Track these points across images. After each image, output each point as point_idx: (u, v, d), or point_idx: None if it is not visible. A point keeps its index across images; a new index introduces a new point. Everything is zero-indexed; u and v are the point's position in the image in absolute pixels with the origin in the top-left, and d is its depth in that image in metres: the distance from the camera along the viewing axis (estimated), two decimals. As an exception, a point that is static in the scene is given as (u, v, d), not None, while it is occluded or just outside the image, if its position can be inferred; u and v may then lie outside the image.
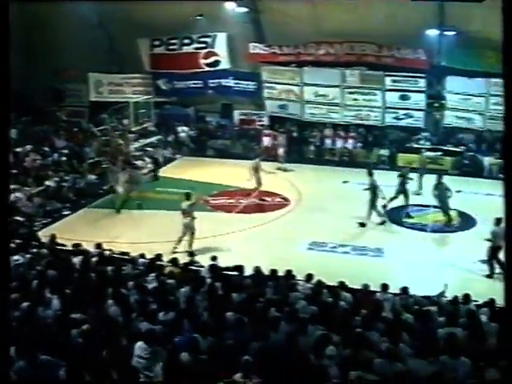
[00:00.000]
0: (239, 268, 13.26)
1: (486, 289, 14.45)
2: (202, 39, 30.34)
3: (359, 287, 12.46)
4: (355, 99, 29.37)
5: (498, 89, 27.37)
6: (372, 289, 12.52)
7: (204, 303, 10.79)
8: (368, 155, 29.19)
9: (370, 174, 20.90)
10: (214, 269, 13.28)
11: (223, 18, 28.93)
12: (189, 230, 17.32)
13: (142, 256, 14.45)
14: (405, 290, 12.35)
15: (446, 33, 26.69)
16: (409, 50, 27.56)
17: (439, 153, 27.63)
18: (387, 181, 24.77)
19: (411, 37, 26.29)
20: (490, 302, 11.81)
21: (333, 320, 9.95)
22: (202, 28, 29.58)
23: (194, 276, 12.86)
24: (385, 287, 12.41)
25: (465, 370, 8.48)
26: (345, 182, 25.34)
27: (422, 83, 28.21)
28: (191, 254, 16.91)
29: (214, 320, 9.81)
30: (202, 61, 30.61)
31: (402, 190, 21.24)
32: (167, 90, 31.55)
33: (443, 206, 20.16)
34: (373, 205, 20.40)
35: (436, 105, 28.55)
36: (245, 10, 28.56)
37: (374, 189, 20.42)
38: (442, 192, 20.10)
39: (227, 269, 13.51)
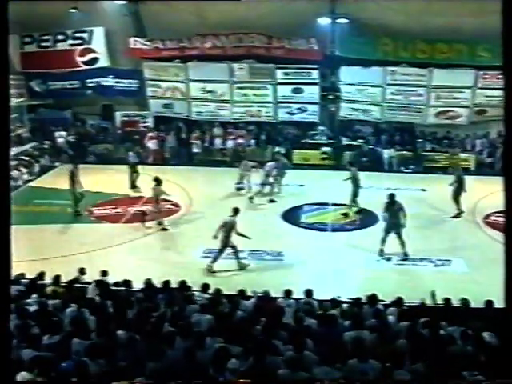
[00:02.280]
0: (127, 282, 13.07)
1: (393, 287, 14.93)
2: (78, 35, 29.75)
3: (260, 294, 12.54)
4: (245, 94, 29.61)
5: (395, 78, 28.33)
6: (274, 295, 12.62)
7: (92, 323, 10.56)
8: (262, 153, 29.48)
9: (352, 165, 21.68)
10: (102, 285, 13.03)
11: (100, 10, 28.47)
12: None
13: (22, 276, 13.98)
14: (308, 293, 12.51)
15: (338, 21, 27.31)
16: (300, 41, 28.02)
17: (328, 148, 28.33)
18: (284, 179, 25.12)
19: (302, 26, 26.75)
20: (398, 301, 12.15)
21: (232, 331, 9.95)
22: (77, 23, 28.97)
23: (79, 294, 12.56)
24: (288, 293, 12.53)
25: (374, 373, 8.68)
26: (238, 183, 25.45)
27: (315, 75, 28.78)
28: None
29: (104, 340, 9.61)
30: (79, 58, 30.02)
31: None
32: (41, 91, 30.72)
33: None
34: (355, 196, 21.19)
35: (331, 97, 29.18)
36: (123, 1, 28.21)
37: (355, 180, 21.22)
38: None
39: (116, 284, 13.29)
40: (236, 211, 17.48)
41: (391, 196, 18.26)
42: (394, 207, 18.01)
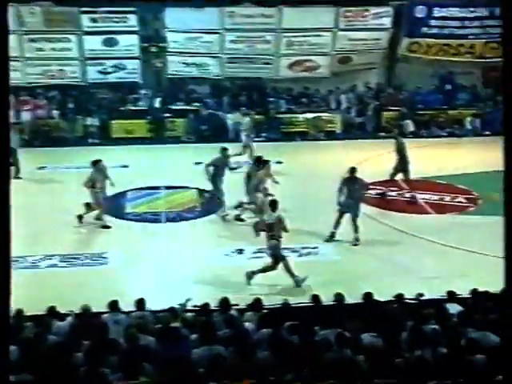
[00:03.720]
0: None
1: (253, 286, 15.16)
2: None
3: (77, 311, 12.36)
4: (40, 49, 28.81)
5: (235, 21, 28.45)
6: (96, 310, 12.47)
7: None
8: (71, 127, 28.95)
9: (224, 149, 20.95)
10: None
11: None
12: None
13: None
14: (140, 304, 12.43)
15: None
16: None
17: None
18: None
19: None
20: (256, 304, 12.29)
21: (44, 362, 9.75)
22: None
23: None
24: (114, 305, 12.41)
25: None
26: (41, 167, 24.90)
27: (133, 20, 28.45)
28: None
29: None
30: None
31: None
32: None
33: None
34: (216, 187, 20.37)
35: (154, 49, 28.98)
36: None
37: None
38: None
39: None
40: (274, 204, 16.51)
41: (352, 170, 18.54)
42: (353, 184, 18.32)
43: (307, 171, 23.50)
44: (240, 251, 18.01)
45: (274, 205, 16.27)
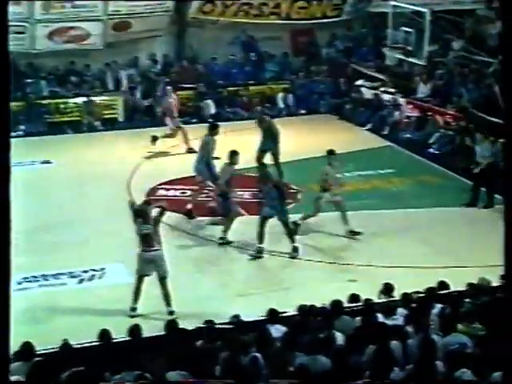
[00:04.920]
0: None
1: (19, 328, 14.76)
2: None
3: None
4: None
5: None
6: None
7: None
8: None
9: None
10: None
11: None
12: None
13: None
14: None
15: None
16: None
17: None
18: None
19: None
20: (24, 350, 11.80)
21: None
22: None
23: None
24: None
25: None
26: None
27: None
28: None
29: None
30: None
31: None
32: None
33: None
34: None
35: None
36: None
37: None
38: None
39: None
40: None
41: (262, 167, 19.49)
42: (267, 183, 18.77)
43: (84, 172, 23.02)
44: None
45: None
